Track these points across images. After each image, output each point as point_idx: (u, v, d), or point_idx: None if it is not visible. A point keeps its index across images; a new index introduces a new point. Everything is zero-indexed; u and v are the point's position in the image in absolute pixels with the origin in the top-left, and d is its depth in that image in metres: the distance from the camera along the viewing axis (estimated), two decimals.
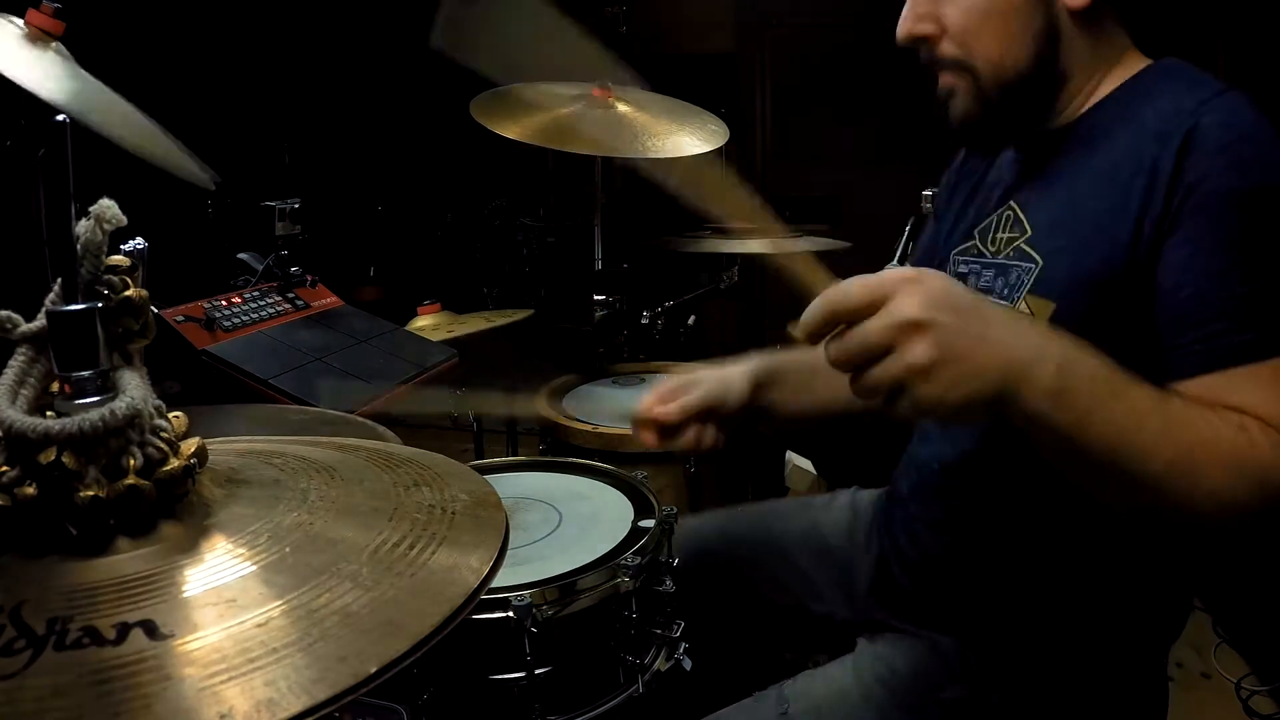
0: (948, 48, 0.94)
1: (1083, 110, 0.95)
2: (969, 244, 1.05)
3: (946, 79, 0.96)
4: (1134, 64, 0.95)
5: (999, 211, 1.01)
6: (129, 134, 1.18)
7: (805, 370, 1.19)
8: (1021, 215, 0.97)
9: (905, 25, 0.96)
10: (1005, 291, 0.96)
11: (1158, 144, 0.84)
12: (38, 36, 1.30)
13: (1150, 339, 0.83)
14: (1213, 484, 0.72)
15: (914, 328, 0.66)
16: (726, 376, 1.14)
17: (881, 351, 0.67)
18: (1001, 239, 0.99)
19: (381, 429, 1.18)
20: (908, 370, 0.66)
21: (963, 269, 1.05)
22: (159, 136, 1.24)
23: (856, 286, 0.68)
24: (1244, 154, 0.81)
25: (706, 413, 1.10)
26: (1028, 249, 0.95)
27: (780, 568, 1.27)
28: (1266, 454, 0.74)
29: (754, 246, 2.57)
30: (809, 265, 0.79)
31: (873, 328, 0.67)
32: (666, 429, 1.10)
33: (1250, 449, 0.74)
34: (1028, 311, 0.92)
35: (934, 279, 0.69)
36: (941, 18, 0.94)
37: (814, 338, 0.70)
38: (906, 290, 0.67)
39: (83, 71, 1.26)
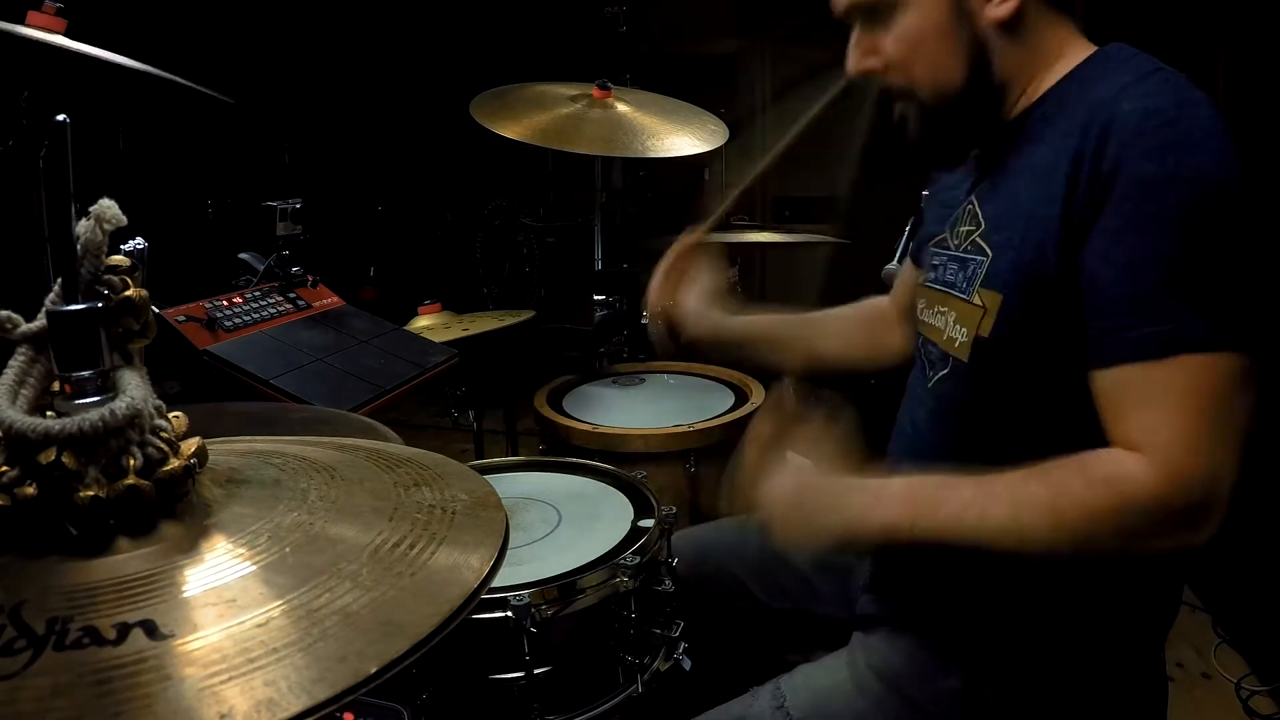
0: (892, 78, 0.99)
1: (1030, 104, 0.96)
2: (941, 235, 1.07)
3: (899, 106, 1.01)
4: (1079, 53, 0.95)
5: (964, 205, 1.03)
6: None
7: (810, 328, 1.45)
8: (978, 209, 1.00)
9: (851, 63, 1.02)
10: (964, 284, 0.98)
11: (1081, 134, 0.85)
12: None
13: (1082, 329, 0.85)
14: (1040, 537, 0.83)
15: (772, 504, 0.96)
16: (701, 313, 1.43)
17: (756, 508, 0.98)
18: (962, 232, 1.02)
19: (382, 429, 1.18)
20: (783, 543, 0.96)
21: (935, 260, 1.07)
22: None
23: (731, 505, 1.02)
24: (1161, 138, 0.81)
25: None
26: (981, 242, 0.97)
27: (777, 573, 1.28)
28: (1081, 498, 0.82)
29: (754, 239, 2.58)
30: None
31: (754, 494, 0.98)
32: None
33: (1063, 495, 0.82)
34: (980, 304, 0.94)
35: (781, 478, 0.96)
36: (881, 51, 0.98)
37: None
38: (764, 492, 0.97)
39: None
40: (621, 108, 2.04)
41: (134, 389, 0.54)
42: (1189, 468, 0.79)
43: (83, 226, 0.54)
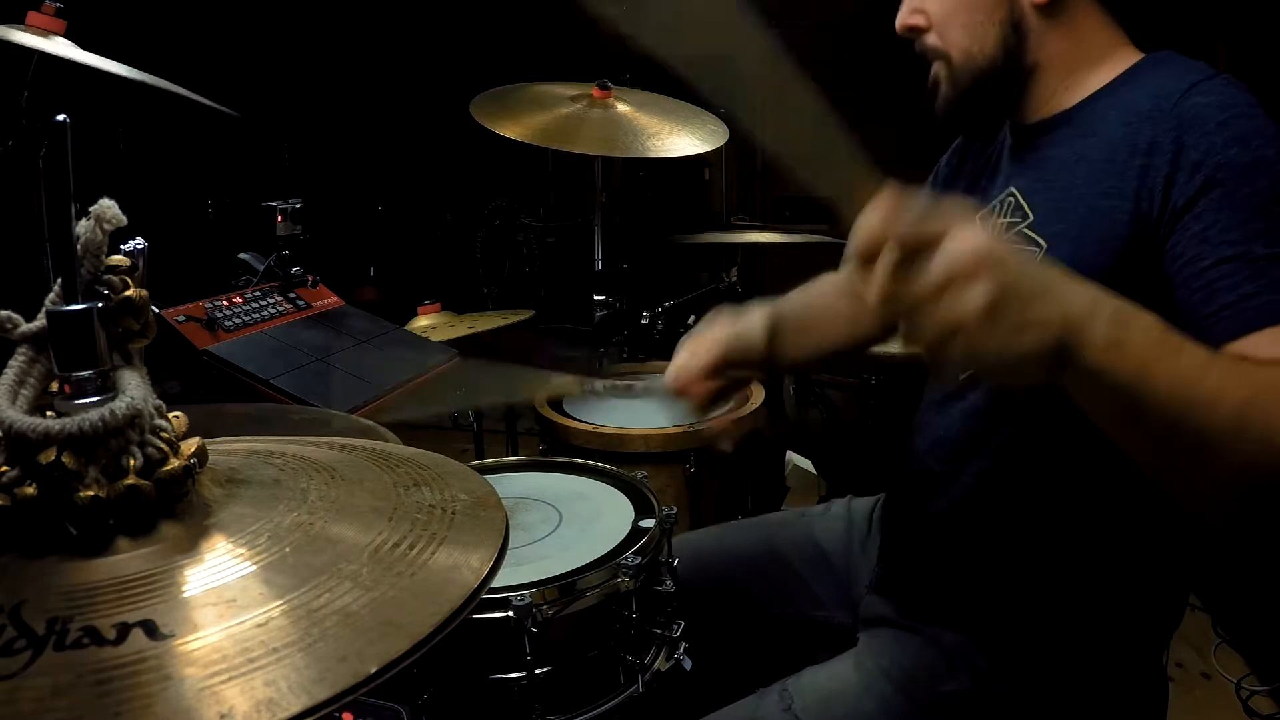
0: (931, 39, 1.01)
1: (1077, 100, 0.97)
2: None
3: (935, 69, 1.02)
4: (1127, 58, 0.97)
5: (1000, 198, 1.02)
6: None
7: (801, 314, 1.26)
8: (1023, 201, 0.99)
9: (901, 17, 1.03)
10: None
11: (1151, 125, 0.87)
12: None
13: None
14: (1257, 433, 0.66)
15: (976, 268, 0.60)
16: (745, 335, 1.22)
17: (938, 291, 0.61)
18: (1003, 224, 1.01)
19: (381, 429, 1.18)
20: (966, 314, 0.60)
21: None
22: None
23: (913, 218, 0.62)
24: (1242, 128, 0.83)
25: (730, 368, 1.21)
26: (1030, 234, 0.97)
27: (779, 579, 1.27)
28: None
29: (754, 239, 2.58)
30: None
31: (934, 265, 0.61)
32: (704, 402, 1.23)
33: None
34: None
35: (988, 235, 0.63)
36: (927, 11, 1.00)
37: (867, 261, 0.65)
38: (966, 228, 0.61)
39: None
40: (621, 108, 2.04)
41: (134, 389, 0.54)
42: None
43: (83, 226, 0.54)
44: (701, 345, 1.22)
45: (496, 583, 0.62)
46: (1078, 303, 0.65)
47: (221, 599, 0.48)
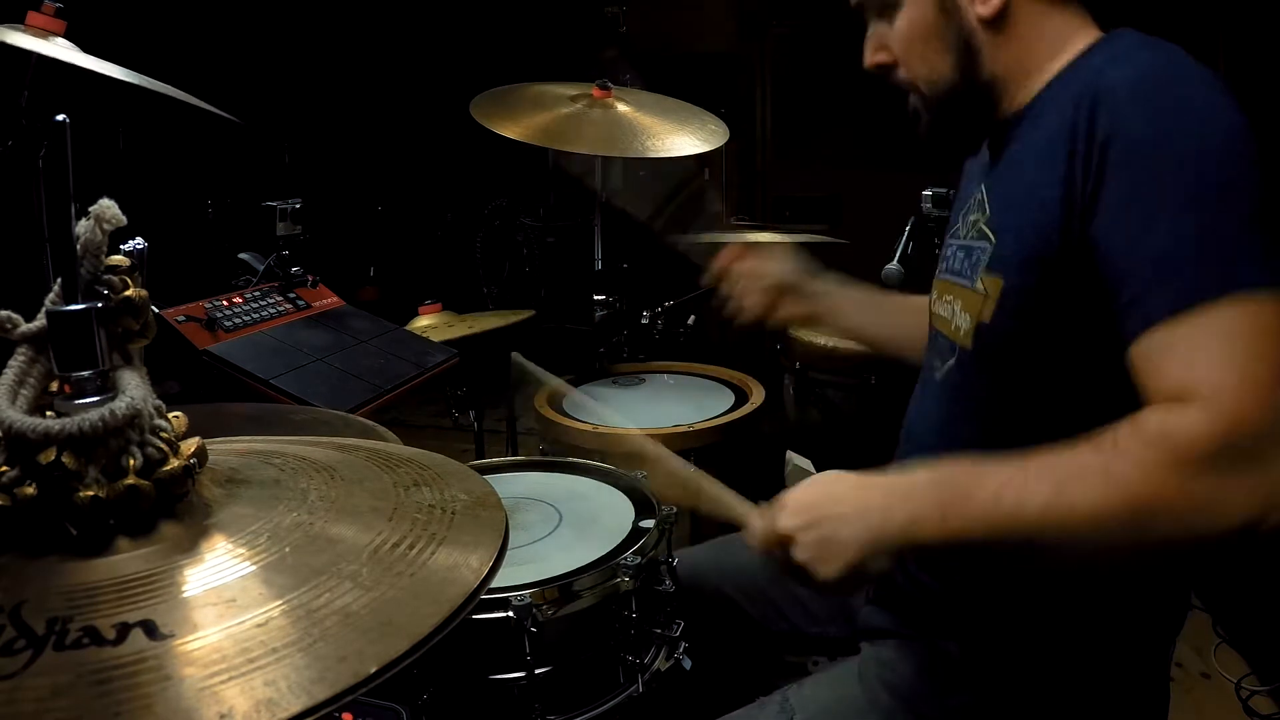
0: (900, 73, 1.01)
1: (1035, 94, 0.96)
2: (956, 227, 1.07)
3: (912, 100, 1.03)
4: (1083, 41, 0.95)
5: (975, 197, 1.03)
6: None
7: (870, 296, 1.40)
8: (985, 197, 1.00)
9: (867, 57, 1.04)
10: (968, 271, 0.98)
11: (1074, 108, 0.85)
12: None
13: (1100, 310, 0.83)
14: (1091, 510, 0.75)
15: (787, 539, 0.89)
16: (803, 273, 1.37)
17: (787, 555, 0.89)
18: (970, 220, 1.02)
19: (381, 429, 1.18)
20: (803, 562, 0.87)
21: (949, 251, 1.07)
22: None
23: (752, 532, 0.93)
24: (1152, 102, 0.80)
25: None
26: (986, 229, 0.97)
27: (774, 596, 1.27)
28: (1137, 455, 0.74)
29: (754, 239, 2.57)
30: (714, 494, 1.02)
31: (771, 550, 0.91)
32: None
33: (1116, 457, 0.75)
34: (982, 290, 0.94)
35: (799, 493, 0.90)
36: (890, 47, 1.01)
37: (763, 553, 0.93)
38: (778, 513, 0.90)
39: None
40: (621, 108, 2.04)
41: (134, 389, 0.54)
42: (1245, 406, 0.72)
43: (83, 226, 0.54)
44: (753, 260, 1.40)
45: (496, 583, 0.62)
46: (871, 519, 0.85)
47: (221, 599, 0.48)
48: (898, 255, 1.93)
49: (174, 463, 0.54)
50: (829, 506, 0.87)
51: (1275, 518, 0.71)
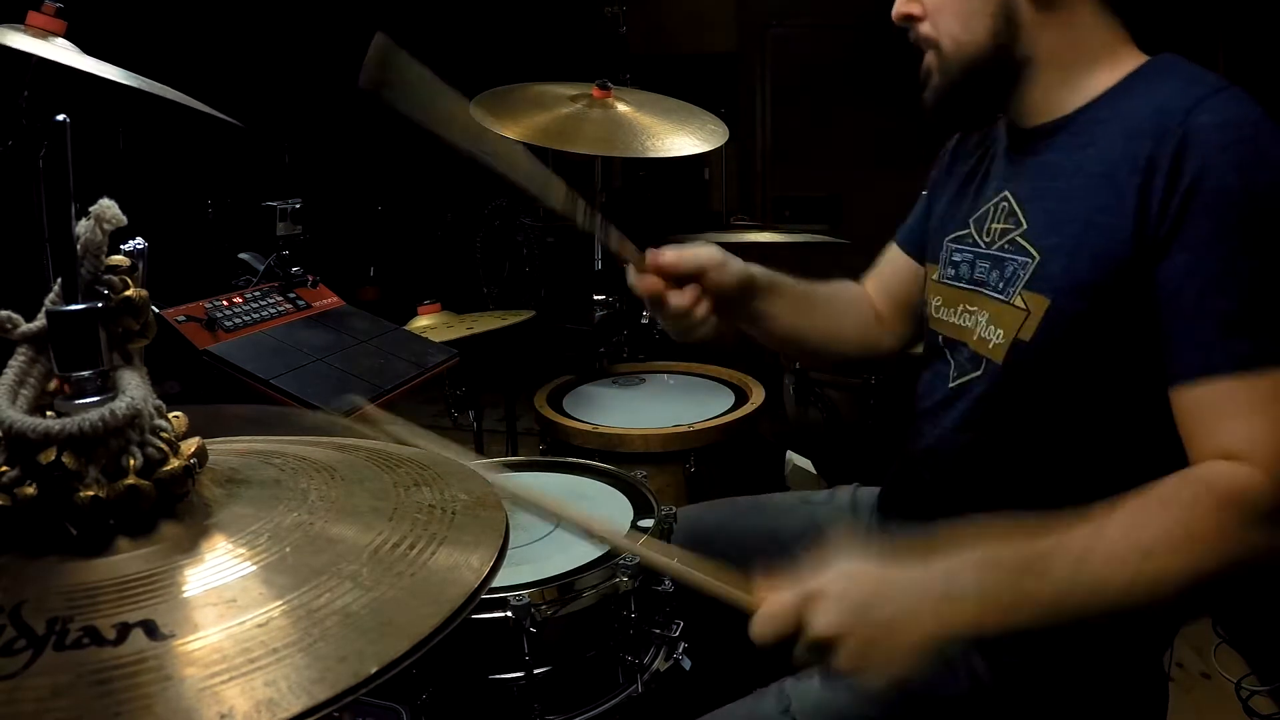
0: (925, 27, 0.99)
1: (1077, 106, 0.95)
2: (964, 232, 1.05)
3: (927, 59, 1.01)
4: (1129, 61, 0.94)
5: (994, 202, 1.01)
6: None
7: (809, 296, 1.26)
8: (1017, 208, 0.98)
9: (897, 6, 1.02)
10: (1000, 285, 0.97)
11: (1153, 142, 0.84)
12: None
13: (1146, 342, 0.83)
14: (1180, 569, 0.75)
15: (829, 643, 0.78)
16: (725, 255, 1.16)
17: (820, 656, 0.79)
18: (996, 229, 1.00)
19: (381, 429, 1.18)
20: (846, 670, 0.78)
21: (957, 257, 1.05)
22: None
23: (767, 625, 0.81)
24: (1245, 153, 0.80)
25: (701, 282, 1.12)
26: (1024, 243, 0.95)
27: (779, 563, 1.27)
28: (1216, 517, 0.76)
29: (754, 239, 2.57)
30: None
31: (804, 649, 0.80)
32: (666, 278, 1.12)
33: (1197, 518, 0.76)
34: (1023, 306, 0.92)
35: (836, 585, 0.80)
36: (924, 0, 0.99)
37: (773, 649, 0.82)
38: (813, 609, 0.79)
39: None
40: (621, 108, 2.04)
41: (134, 389, 0.54)
42: None
43: (83, 226, 0.54)
44: (687, 249, 1.16)
45: (495, 583, 0.62)
46: (928, 613, 0.78)
47: (222, 599, 0.48)
48: None
49: (174, 463, 0.54)
50: (876, 609, 0.79)
51: None
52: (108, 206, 0.55)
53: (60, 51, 1.31)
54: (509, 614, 0.98)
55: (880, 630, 0.78)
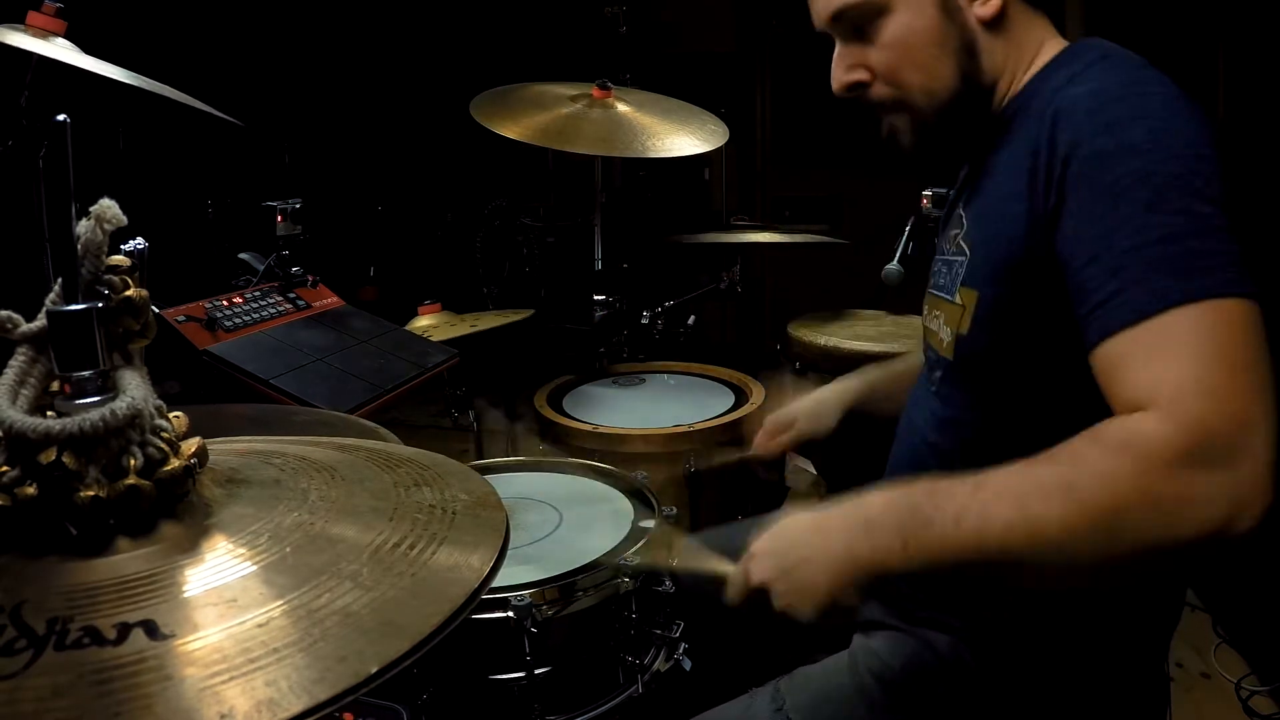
0: (880, 90, 0.98)
1: (1004, 103, 0.97)
2: (941, 244, 1.08)
3: (887, 121, 1.01)
4: (1050, 51, 0.96)
5: (955, 210, 1.03)
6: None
7: (894, 380, 1.35)
8: (962, 212, 1.00)
9: (837, 78, 1.01)
10: (949, 286, 0.99)
11: (1038, 124, 0.86)
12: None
13: (1069, 318, 0.83)
14: (1057, 526, 0.73)
15: (763, 590, 0.90)
16: (820, 411, 1.37)
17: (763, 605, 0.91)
18: (951, 235, 1.03)
19: (382, 429, 1.18)
20: (783, 610, 0.89)
21: (936, 266, 1.08)
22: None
23: (730, 590, 0.95)
24: (1113, 112, 0.80)
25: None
26: (962, 243, 0.98)
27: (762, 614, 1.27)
28: (1100, 466, 0.73)
29: (754, 239, 2.58)
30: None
31: (752, 603, 0.92)
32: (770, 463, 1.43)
33: (1077, 468, 0.74)
34: (960, 302, 0.94)
35: (764, 543, 0.92)
36: (868, 64, 0.98)
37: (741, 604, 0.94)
38: (749, 567, 0.92)
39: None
40: (621, 108, 2.04)
41: (134, 389, 0.54)
42: (1204, 411, 0.71)
43: (83, 226, 0.54)
44: (777, 418, 1.41)
45: (496, 583, 0.63)
46: (835, 552, 0.85)
47: (222, 599, 0.48)
48: (898, 255, 1.93)
49: (174, 463, 0.54)
50: (793, 552, 0.89)
51: (1242, 523, 0.69)
52: (108, 206, 0.55)
53: (60, 51, 1.31)
54: (510, 614, 0.98)
55: (798, 566, 0.88)
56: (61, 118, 0.53)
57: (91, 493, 0.51)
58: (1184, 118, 0.80)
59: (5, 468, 0.51)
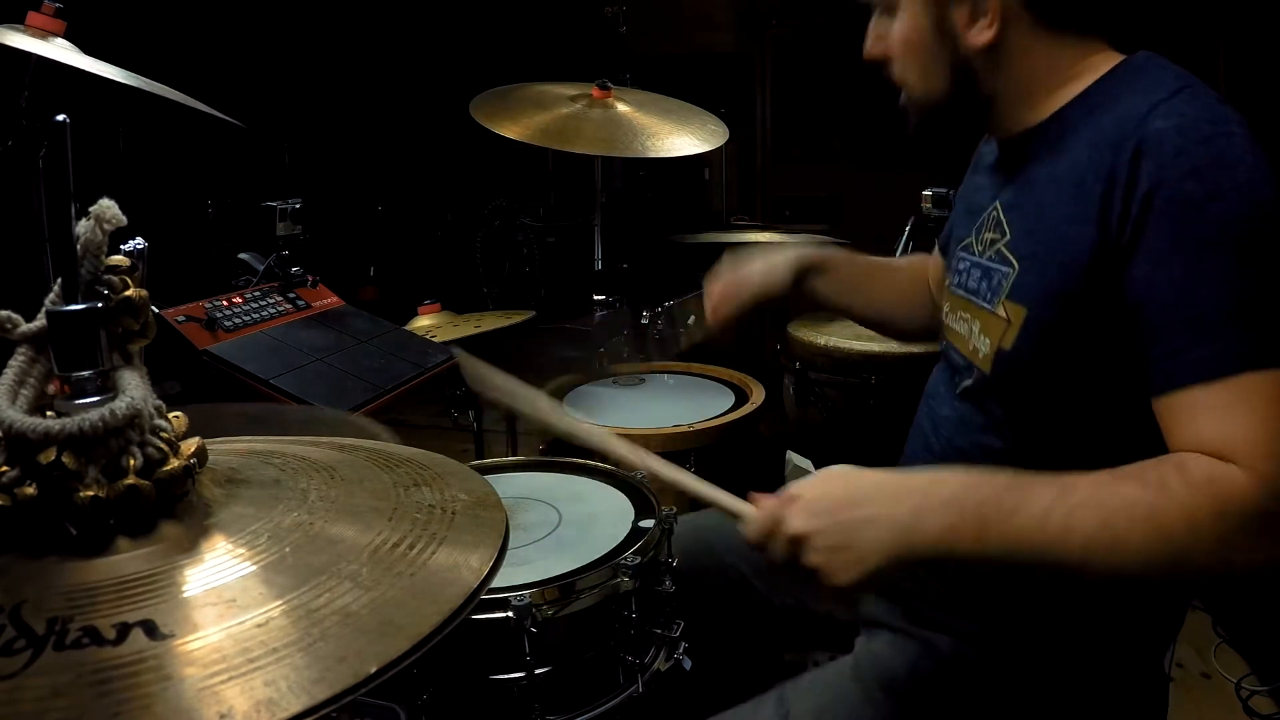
0: (895, 69, 1.01)
1: (1051, 111, 0.95)
2: (968, 239, 1.06)
3: (902, 96, 1.03)
4: (1104, 63, 0.94)
5: (987, 211, 1.02)
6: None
7: (860, 271, 1.33)
8: (1003, 217, 0.99)
9: (866, 47, 1.04)
10: (988, 294, 0.97)
11: (1113, 151, 0.84)
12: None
13: (1126, 348, 0.83)
14: (1136, 548, 0.75)
15: (800, 540, 0.83)
16: (772, 269, 1.29)
17: (792, 558, 0.84)
18: (987, 239, 1.01)
19: (381, 429, 1.18)
20: (815, 567, 0.83)
21: (961, 265, 1.06)
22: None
23: (753, 527, 0.88)
24: (1198, 156, 0.80)
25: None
26: (1006, 252, 0.96)
27: (781, 567, 1.27)
28: (1184, 499, 0.74)
29: (754, 239, 2.57)
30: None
31: (776, 550, 0.86)
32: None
33: (1164, 497, 0.75)
34: (1004, 316, 0.93)
35: (813, 489, 0.85)
36: (889, 42, 1.00)
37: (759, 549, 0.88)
38: (789, 511, 0.85)
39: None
40: (621, 108, 2.04)
41: (134, 389, 0.54)
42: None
43: (83, 226, 0.54)
44: (731, 288, 1.31)
45: (496, 583, 0.63)
46: (899, 521, 0.80)
47: (221, 599, 0.48)
48: (898, 255, 1.93)
49: (174, 463, 0.54)
50: (852, 508, 0.82)
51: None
52: (108, 206, 0.55)
53: (60, 51, 1.31)
54: (510, 614, 0.97)
55: (847, 531, 0.81)
56: (61, 118, 0.53)
57: (91, 493, 0.51)
58: (1264, 165, 0.80)
59: (5, 468, 0.51)
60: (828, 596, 0.85)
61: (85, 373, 0.54)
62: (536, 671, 1.00)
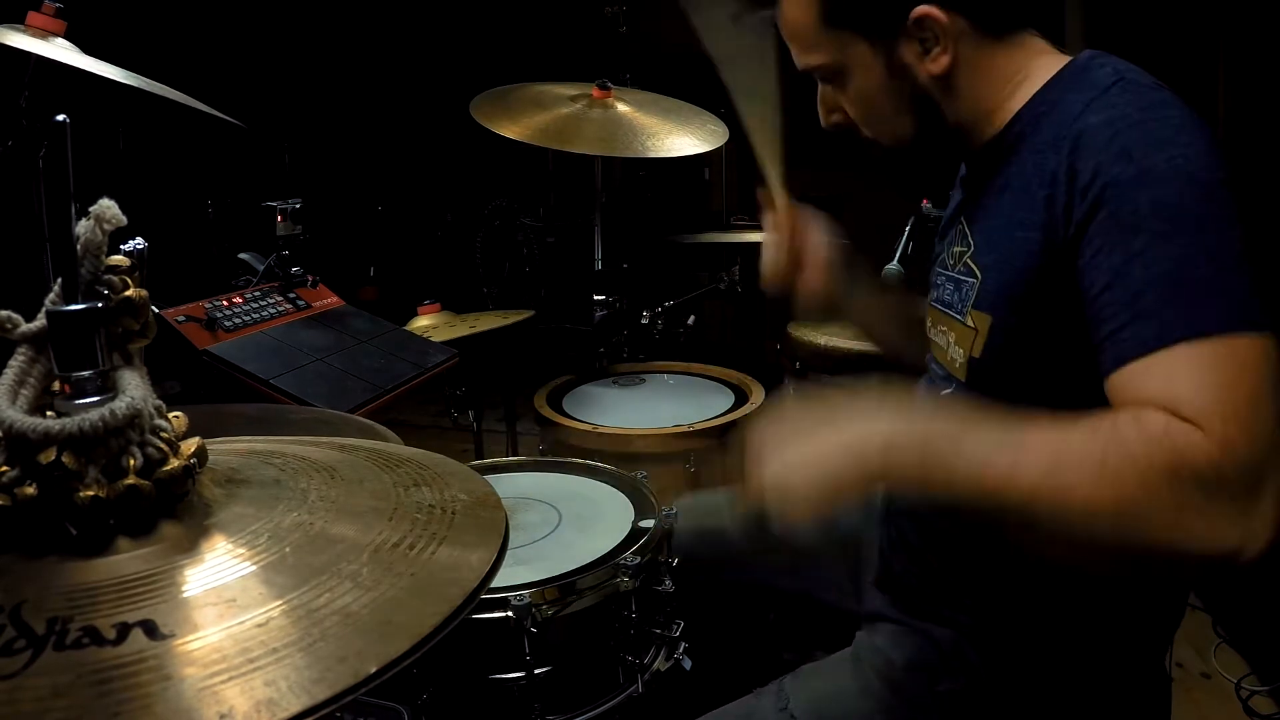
0: (862, 130, 1.03)
1: (1005, 121, 0.96)
2: (943, 254, 1.08)
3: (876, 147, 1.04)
4: (1049, 66, 0.95)
5: (956, 225, 1.04)
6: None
7: (896, 308, 1.33)
8: (967, 230, 1.00)
9: (822, 118, 1.06)
10: (959, 306, 0.99)
11: (1054, 153, 0.85)
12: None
13: (1089, 344, 0.83)
14: (1084, 495, 0.72)
15: (765, 490, 0.84)
16: (839, 259, 1.33)
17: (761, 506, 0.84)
18: (956, 252, 1.03)
19: (381, 429, 1.18)
20: (776, 513, 0.83)
21: (938, 279, 1.08)
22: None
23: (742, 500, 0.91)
24: (1129, 139, 0.80)
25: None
26: (971, 264, 0.97)
27: (789, 553, 1.27)
28: (1137, 450, 0.71)
29: (754, 239, 2.57)
30: None
31: (750, 505, 0.86)
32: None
33: (1116, 448, 0.72)
34: (973, 325, 0.94)
35: (765, 441, 0.85)
36: (843, 109, 1.02)
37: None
38: (753, 468, 0.85)
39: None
40: (621, 108, 2.04)
41: (134, 389, 0.54)
42: (1232, 435, 0.70)
43: (83, 226, 0.54)
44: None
45: (496, 583, 0.63)
46: (841, 453, 0.80)
47: (221, 599, 0.48)
48: (898, 255, 1.93)
49: (174, 463, 0.54)
50: (794, 448, 0.83)
51: (1247, 554, 0.71)
52: (108, 206, 0.55)
53: (60, 51, 1.31)
54: (510, 614, 0.98)
55: (796, 465, 0.82)
56: (61, 118, 0.53)
57: (91, 493, 0.51)
58: (1202, 144, 0.80)
59: (5, 468, 0.51)
60: (793, 517, 0.82)
61: (85, 373, 0.54)
62: (536, 671, 1.00)
